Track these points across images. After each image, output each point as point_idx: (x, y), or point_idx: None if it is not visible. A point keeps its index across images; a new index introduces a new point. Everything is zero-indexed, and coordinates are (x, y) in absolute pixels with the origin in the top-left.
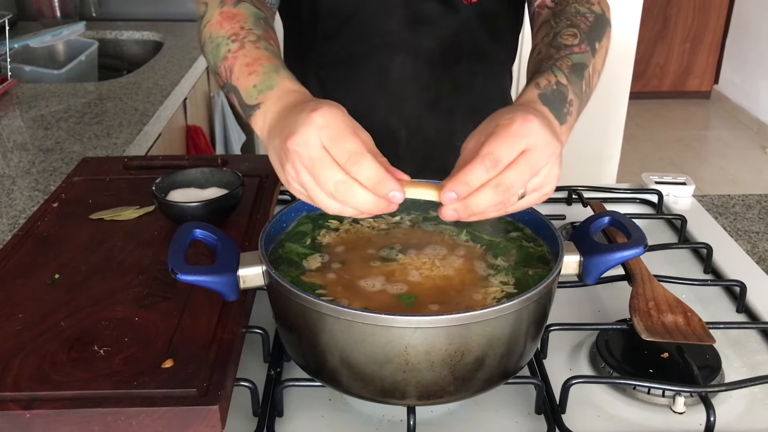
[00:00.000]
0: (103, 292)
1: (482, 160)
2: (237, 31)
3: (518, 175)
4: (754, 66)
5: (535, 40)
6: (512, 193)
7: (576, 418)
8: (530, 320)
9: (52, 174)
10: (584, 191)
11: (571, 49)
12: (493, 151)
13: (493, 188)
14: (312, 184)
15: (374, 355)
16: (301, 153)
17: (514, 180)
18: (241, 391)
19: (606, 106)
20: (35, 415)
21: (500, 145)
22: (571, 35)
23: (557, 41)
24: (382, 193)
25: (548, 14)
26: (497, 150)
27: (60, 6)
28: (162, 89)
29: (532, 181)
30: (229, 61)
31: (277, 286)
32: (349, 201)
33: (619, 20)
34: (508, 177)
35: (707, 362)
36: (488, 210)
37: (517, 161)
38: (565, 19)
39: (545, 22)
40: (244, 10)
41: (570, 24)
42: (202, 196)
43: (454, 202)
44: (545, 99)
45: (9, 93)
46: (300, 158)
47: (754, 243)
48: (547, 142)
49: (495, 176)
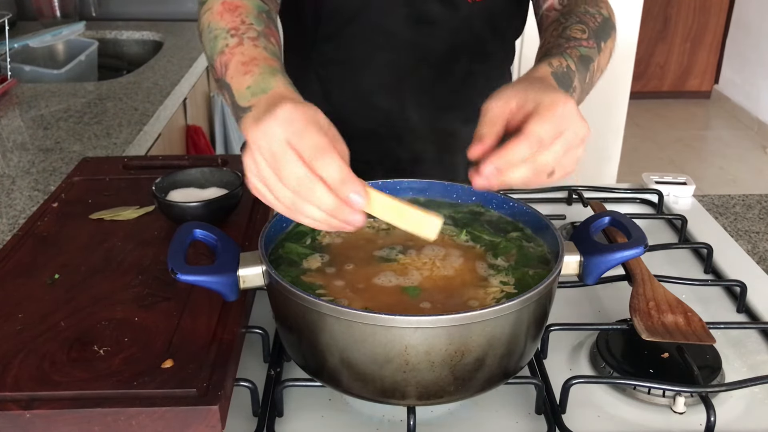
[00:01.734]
0: (103, 292)
1: (527, 139)
2: (237, 25)
3: (554, 156)
4: (754, 66)
5: (543, 38)
6: (545, 172)
7: (576, 418)
8: (530, 320)
9: (52, 174)
10: (584, 191)
11: (579, 42)
12: (538, 132)
13: (530, 166)
14: (273, 179)
15: (374, 355)
16: (262, 146)
17: (549, 160)
18: (241, 391)
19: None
20: (35, 415)
21: (544, 126)
22: (580, 30)
23: (566, 33)
24: (345, 194)
25: (557, 15)
26: (541, 131)
27: (60, 6)
28: (162, 89)
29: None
30: (226, 57)
31: (277, 286)
32: (310, 199)
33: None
34: (545, 158)
35: (707, 362)
36: (517, 183)
37: (554, 142)
38: (574, 16)
39: (554, 21)
40: (246, 2)
41: (579, 21)
42: (202, 196)
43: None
44: (557, 77)
45: (9, 93)
46: (261, 151)
47: (755, 243)
48: (581, 126)
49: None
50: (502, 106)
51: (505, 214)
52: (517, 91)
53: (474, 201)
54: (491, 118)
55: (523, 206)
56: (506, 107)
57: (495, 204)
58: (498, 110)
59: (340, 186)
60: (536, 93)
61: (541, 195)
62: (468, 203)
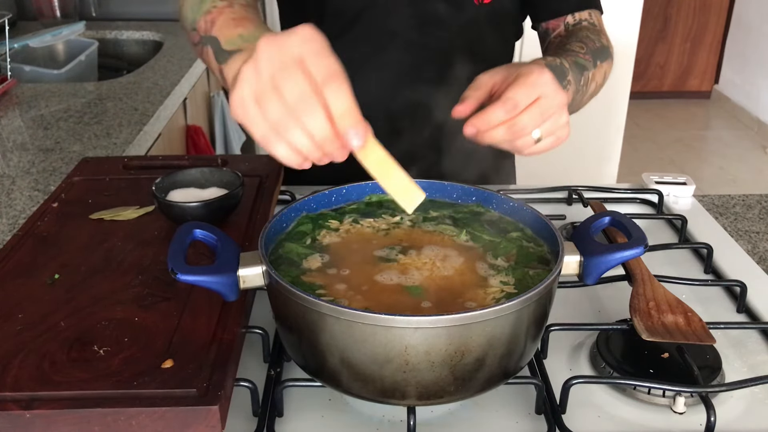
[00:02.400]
0: (103, 292)
1: (503, 104)
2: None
3: (531, 118)
4: (754, 66)
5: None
6: (525, 133)
7: (576, 419)
8: (530, 320)
9: (52, 174)
10: (584, 191)
11: (576, 53)
12: (513, 96)
13: (509, 128)
14: (268, 93)
15: (374, 355)
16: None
17: (527, 122)
18: (241, 391)
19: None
20: (35, 415)
21: (519, 92)
22: (579, 46)
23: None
24: (344, 126)
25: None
26: (516, 96)
27: (60, 6)
28: (162, 89)
29: (543, 125)
30: (213, 15)
31: (277, 286)
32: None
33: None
34: (522, 120)
35: (707, 362)
36: (502, 143)
37: (530, 106)
38: (575, 38)
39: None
40: None
41: (579, 40)
42: (202, 196)
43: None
44: (550, 67)
45: (9, 93)
46: (270, 60)
47: (755, 243)
48: (556, 92)
49: (512, 118)
50: (489, 76)
51: (505, 214)
52: (506, 67)
53: (474, 201)
54: (476, 85)
55: (523, 206)
56: (492, 78)
57: (495, 204)
58: (484, 79)
59: (343, 116)
60: (520, 67)
61: (541, 195)
62: (468, 203)
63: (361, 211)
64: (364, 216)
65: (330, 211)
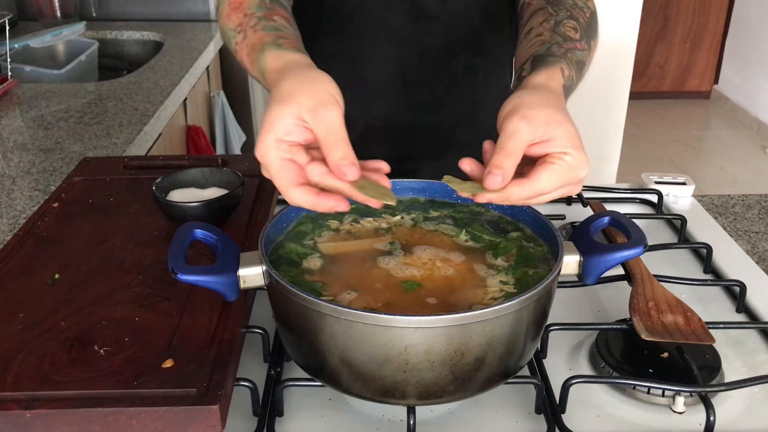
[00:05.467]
0: (103, 292)
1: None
2: (241, 20)
3: (551, 197)
4: (754, 66)
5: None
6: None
7: (576, 418)
8: (530, 320)
9: (52, 174)
10: (584, 191)
11: (574, 44)
12: (543, 187)
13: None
14: None
15: (374, 355)
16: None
17: (545, 199)
18: (241, 391)
19: (606, 106)
20: (35, 415)
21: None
22: (572, 28)
23: (560, 30)
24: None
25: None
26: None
27: (60, 6)
28: (162, 89)
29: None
30: (239, 54)
31: (277, 286)
32: None
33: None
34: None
35: (707, 362)
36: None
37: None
38: (564, 9)
39: (540, 9)
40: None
41: (570, 15)
42: (202, 196)
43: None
44: (565, 91)
45: (9, 93)
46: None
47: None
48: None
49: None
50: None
51: (505, 214)
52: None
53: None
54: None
55: (523, 206)
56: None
57: (495, 204)
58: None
59: None
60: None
61: None
62: (468, 203)
63: (361, 210)
64: (364, 216)
65: None
